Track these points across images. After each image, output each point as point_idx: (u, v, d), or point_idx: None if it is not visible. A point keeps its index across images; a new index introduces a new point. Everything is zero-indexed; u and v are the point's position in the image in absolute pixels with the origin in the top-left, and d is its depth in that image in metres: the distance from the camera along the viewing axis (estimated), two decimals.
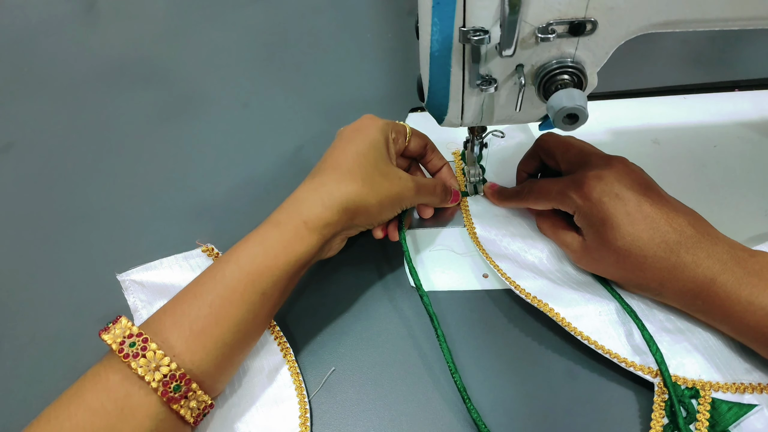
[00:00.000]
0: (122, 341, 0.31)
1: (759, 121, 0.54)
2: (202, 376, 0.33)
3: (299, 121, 0.60)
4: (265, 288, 0.35)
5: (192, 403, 0.32)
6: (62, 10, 0.80)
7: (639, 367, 0.37)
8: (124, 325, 0.32)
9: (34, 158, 0.58)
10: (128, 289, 0.43)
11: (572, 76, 0.34)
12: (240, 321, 0.34)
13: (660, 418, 0.35)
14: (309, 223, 0.37)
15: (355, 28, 0.72)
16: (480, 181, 0.49)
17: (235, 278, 0.35)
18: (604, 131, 0.54)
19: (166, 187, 0.54)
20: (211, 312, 0.33)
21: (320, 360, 0.41)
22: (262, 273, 0.35)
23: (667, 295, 0.38)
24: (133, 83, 0.67)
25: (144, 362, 0.31)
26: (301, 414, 0.37)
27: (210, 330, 0.33)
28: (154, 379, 0.30)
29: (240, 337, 0.35)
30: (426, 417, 0.38)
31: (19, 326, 0.44)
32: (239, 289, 0.34)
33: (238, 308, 0.34)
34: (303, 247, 0.36)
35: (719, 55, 0.63)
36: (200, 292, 0.34)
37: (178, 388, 0.31)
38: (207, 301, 0.34)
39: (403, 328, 0.42)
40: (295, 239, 0.36)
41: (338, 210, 0.37)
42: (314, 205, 0.37)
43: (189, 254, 0.45)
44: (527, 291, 0.40)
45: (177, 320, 0.33)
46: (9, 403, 0.40)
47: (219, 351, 0.33)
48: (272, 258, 0.36)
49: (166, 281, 0.43)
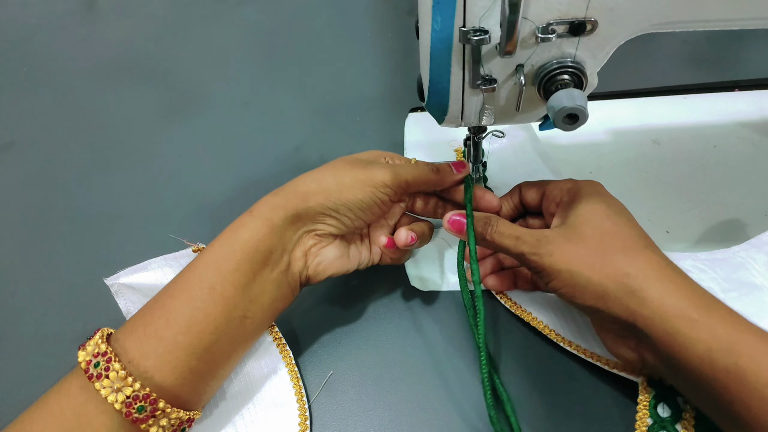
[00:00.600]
0: (89, 360, 0.31)
1: (759, 121, 0.54)
2: (174, 390, 0.31)
3: (299, 121, 0.60)
4: (213, 281, 0.33)
5: (162, 421, 0.31)
6: (62, 8, 0.80)
7: (623, 368, 0.37)
8: (95, 341, 0.32)
9: (34, 157, 0.58)
10: (118, 292, 0.42)
11: (572, 76, 0.34)
12: (190, 319, 0.32)
13: (645, 417, 0.35)
14: (253, 210, 0.36)
15: (355, 28, 0.72)
16: (480, 179, 0.49)
17: (184, 277, 0.34)
18: (604, 131, 0.54)
19: (166, 186, 0.54)
20: (162, 313, 0.32)
21: (320, 361, 0.41)
22: (207, 265, 0.34)
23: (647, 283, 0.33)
24: (134, 82, 0.67)
25: (107, 383, 0.30)
26: (301, 416, 0.37)
27: (161, 332, 0.32)
28: (117, 400, 0.30)
29: (196, 341, 0.32)
30: (426, 417, 0.38)
31: (18, 326, 0.44)
32: (187, 287, 0.33)
33: (186, 305, 0.33)
34: (246, 233, 0.35)
35: (719, 55, 0.63)
36: (157, 297, 0.34)
37: (143, 409, 0.30)
38: (159, 302, 0.33)
39: (403, 328, 0.42)
40: (239, 227, 0.35)
41: (286, 193, 0.36)
42: (265, 197, 0.37)
43: (179, 254, 0.44)
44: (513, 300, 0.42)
45: (136, 325, 0.32)
46: (9, 403, 0.40)
47: (173, 356, 0.31)
48: (217, 250, 0.35)
49: (156, 282, 0.42)
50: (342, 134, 0.58)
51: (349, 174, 0.37)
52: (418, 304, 0.43)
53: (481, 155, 0.48)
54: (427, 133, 0.55)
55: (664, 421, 0.35)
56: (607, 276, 0.32)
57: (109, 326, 0.34)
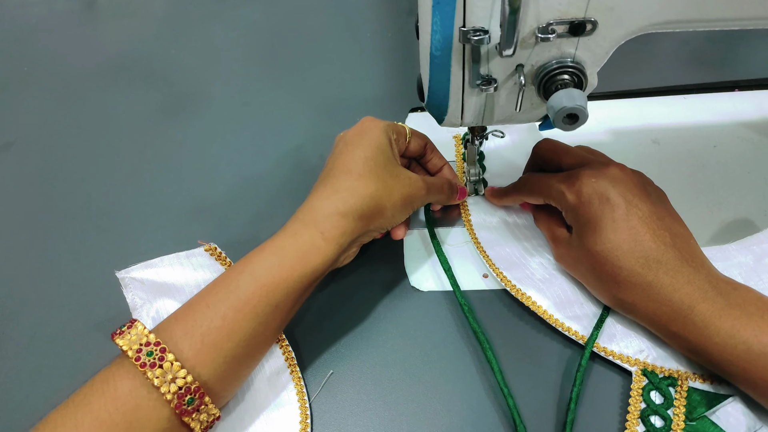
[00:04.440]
0: (139, 348, 0.30)
1: (759, 121, 0.54)
2: (212, 389, 0.32)
3: (299, 121, 0.60)
4: (279, 300, 0.34)
5: (202, 416, 0.32)
6: (62, 8, 0.80)
7: (618, 356, 0.38)
8: (141, 331, 0.31)
9: (34, 157, 0.58)
10: (128, 286, 0.42)
11: (572, 76, 0.34)
12: (251, 334, 0.33)
13: (637, 403, 0.36)
14: (326, 233, 0.36)
15: (355, 28, 0.72)
16: (480, 181, 0.49)
17: (249, 290, 0.34)
18: (604, 131, 0.54)
19: (166, 185, 0.54)
20: (224, 325, 0.33)
21: (321, 361, 0.41)
22: (277, 285, 0.34)
23: (639, 314, 0.37)
24: (133, 81, 0.67)
25: (160, 373, 0.30)
26: (302, 416, 0.37)
27: (222, 344, 0.32)
28: (169, 390, 0.30)
29: (249, 351, 0.34)
30: (426, 417, 0.38)
31: (19, 326, 0.44)
32: (252, 302, 0.33)
33: (250, 321, 0.33)
34: (320, 259, 0.35)
35: (719, 55, 0.63)
36: (212, 302, 0.33)
37: (192, 401, 0.31)
38: (220, 312, 0.33)
39: (403, 328, 0.42)
40: (312, 250, 0.35)
41: (354, 217, 0.36)
42: (330, 214, 0.36)
43: (191, 253, 0.44)
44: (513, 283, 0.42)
45: (188, 330, 0.32)
46: (9, 403, 0.40)
47: (227, 365, 0.33)
48: (288, 270, 0.35)
49: (166, 280, 0.43)
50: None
51: (399, 196, 0.39)
52: (418, 304, 0.43)
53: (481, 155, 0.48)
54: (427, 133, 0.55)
55: (657, 406, 0.36)
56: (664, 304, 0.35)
57: (109, 326, 0.34)
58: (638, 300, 0.36)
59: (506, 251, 0.44)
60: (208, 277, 0.43)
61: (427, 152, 0.46)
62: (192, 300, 0.34)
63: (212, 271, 0.44)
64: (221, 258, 0.45)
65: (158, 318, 0.41)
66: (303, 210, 0.37)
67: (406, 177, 0.40)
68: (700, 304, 0.34)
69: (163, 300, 0.41)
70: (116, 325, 0.34)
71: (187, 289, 0.42)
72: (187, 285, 0.43)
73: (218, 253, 0.45)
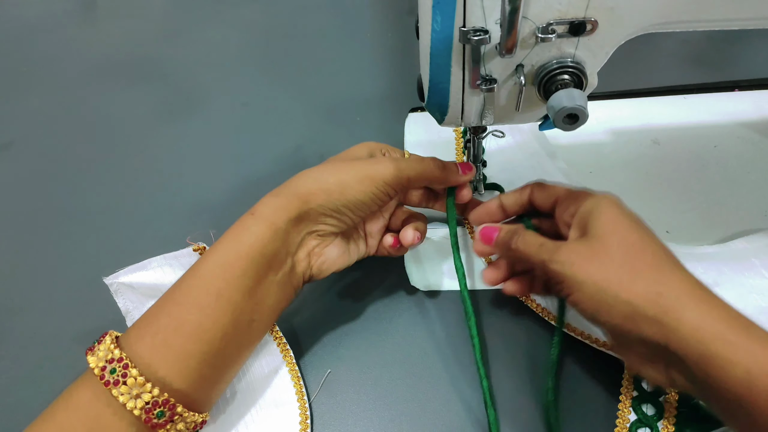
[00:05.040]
0: (104, 366, 0.30)
1: (759, 121, 0.54)
2: (187, 395, 0.31)
3: (299, 121, 0.60)
4: (220, 287, 0.33)
5: (179, 425, 0.31)
6: (61, 7, 0.80)
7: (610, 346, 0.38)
8: (107, 346, 0.31)
9: (33, 157, 0.58)
10: (117, 291, 0.41)
11: (572, 76, 0.34)
12: (198, 326, 0.32)
13: (629, 392, 0.37)
14: (255, 212, 0.35)
15: (355, 28, 0.72)
16: (480, 180, 0.49)
17: (188, 282, 0.33)
18: (604, 131, 0.54)
19: (165, 185, 0.54)
20: (169, 322, 0.32)
21: (320, 360, 0.41)
22: (212, 271, 0.33)
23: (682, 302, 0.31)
24: (133, 82, 0.67)
25: (125, 389, 0.29)
26: (302, 416, 0.37)
27: (171, 340, 0.31)
28: (136, 406, 0.29)
29: (204, 347, 0.32)
30: (426, 417, 0.38)
31: (18, 326, 0.44)
32: (192, 293, 0.33)
33: (192, 312, 0.32)
34: (251, 237, 0.34)
35: (719, 55, 0.63)
36: (161, 303, 0.33)
37: (162, 414, 0.30)
38: (165, 310, 0.32)
39: (403, 328, 0.42)
40: (242, 230, 0.35)
41: (287, 195, 0.36)
42: (266, 198, 0.36)
43: (179, 253, 0.44)
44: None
45: (141, 333, 0.32)
46: (8, 403, 0.40)
47: (184, 364, 0.31)
48: (221, 255, 0.34)
49: (156, 282, 0.42)
50: (342, 134, 0.58)
51: (350, 172, 0.37)
52: (417, 303, 0.43)
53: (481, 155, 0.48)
54: (427, 133, 0.55)
55: (649, 394, 0.36)
56: (637, 294, 0.30)
57: (108, 326, 0.33)
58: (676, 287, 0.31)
59: None
60: None
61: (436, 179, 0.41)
62: (152, 308, 0.34)
63: None
64: None
65: None
66: None
67: (368, 160, 0.38)
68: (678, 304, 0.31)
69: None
70: (115, 326, 0.34)
71: None
72: None
73: None
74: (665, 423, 0.35)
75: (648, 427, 0.35)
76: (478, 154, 0.47)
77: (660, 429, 0.35)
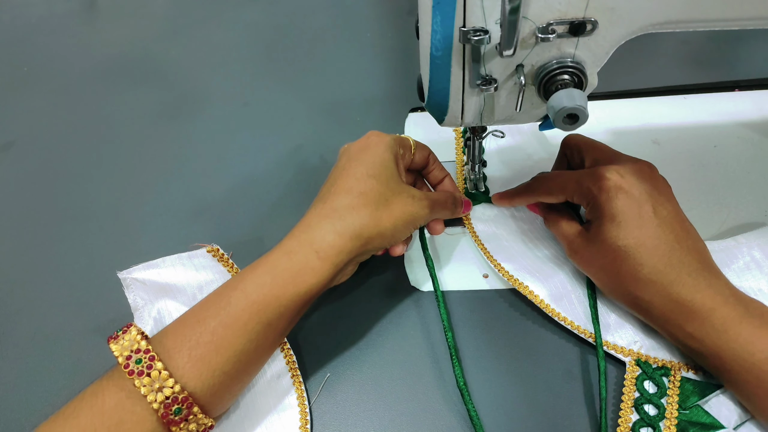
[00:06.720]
0: (129, 355, 0.30)
1: (759, 121, 0.54)
2: (202, 400, 0.32)
3: (299, 121, 0.60)
4: (271, 318, 0.34)
5: (191, 426, 0.31)
6: (63, 8, 0.80)
7: (612, 347, 0.39)
8: (133, 337, 0.31)
9: (34, 157, 0.59)
10: (129, 286, 0.42)
11: (572, 76, 0.34)
12: (241, 350, 0.33)
13: (631, 392, 0.37)
14: (321, 252, 0.35)
15: (355, 28, 0.72)
16: (480, 179, 0.49)
17: (239, 307, 0.33)
18: (604, 131, 0.54)
19: (166, 185, 0.54)
20: (213, 340, 0.32)
21: (320, 361, 0.41)
22: (268, 303, 0.33)
23: (654, 313, 0.36)
24: (134, 82, 0.67)
25: (148, 381, 0.30)
26: (302, 420, 0.37)
27: (209, 358, 0.32)
28: (156, 399, 0.30)
29: (240, 367, 0.33)
30: (426, 417, 0.38)
31: (19, 326, 0.44)
32: (243, 318, 0.33)
33: (240, 338, 0.33)
34: (314, 279, 0.34)
35: (719, 55, 0.63)
36: (203, 317, 0.33)
37: (179, 410, 0.30)
38: (209, 327, 0.32)
39: (403, 328, 0.42)
40: (306, 269, 0.34)
41: (351, 237, 0.35)
42: (326, 233, 0.35)
43: (193, 254, 0.45)
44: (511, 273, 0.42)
45: (178, 343, 0.32)
46: (9, 403, 0.40)
47: (217, 379, 0.32)
48: (280, 288, 0.34)
49: (168, 280, 0.43)
50: (342, 134, 0.58)
51: (401, 217, 0.38)
52: (417, 304, 0.43)
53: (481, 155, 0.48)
54: (427, 133, 0.55)
55: (651, 395, 0.36)
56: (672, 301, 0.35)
57: (108, 327, 0.34)
58: (656, 299, 0.35)
59: (504, 244, 0.45)
60: (210, 278, 0.43)
61: (429, 163, 0.45)
62: (185, 315, 0.34)
63: (214, 272, 0.44)
64: (223, 259, 0.45)
65: (160, 318, 0.41)
66: (300, 227, 0.36)
67: (410, 196, 0.39)
68: (721, 308, 0.34)
69: (165, 300, 0.41)
70: (116, 326, 0.34)
71: (189, 290, 0.43)
72: (188, 286, 0.43)
73: (220, 255, 0.45)
74: (667, 423, 0.35)
75: (650, 426, 0.35)
76: (478, 154, 0.47)
77: (662, 429, 0.35)
